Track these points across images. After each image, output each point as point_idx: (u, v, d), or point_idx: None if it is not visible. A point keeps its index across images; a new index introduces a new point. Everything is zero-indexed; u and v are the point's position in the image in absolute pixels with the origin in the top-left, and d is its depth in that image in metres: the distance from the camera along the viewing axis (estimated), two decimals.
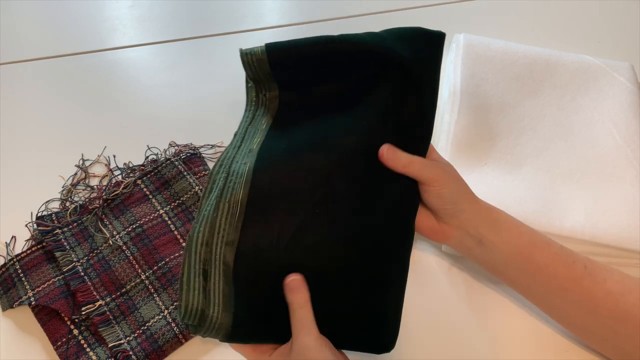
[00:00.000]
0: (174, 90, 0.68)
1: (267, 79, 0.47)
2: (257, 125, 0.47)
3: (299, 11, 0.78)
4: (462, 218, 0.47)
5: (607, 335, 0.46)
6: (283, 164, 0.43)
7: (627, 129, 0.62)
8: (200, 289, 0.40)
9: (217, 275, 0.41)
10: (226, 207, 0.41)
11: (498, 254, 0.47)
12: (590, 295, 0.45)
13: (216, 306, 0.40)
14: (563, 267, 0.46)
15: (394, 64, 0.46)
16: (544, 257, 0.46)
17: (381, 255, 0.44)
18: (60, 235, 0.54)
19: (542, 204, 0.56)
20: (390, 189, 0.45)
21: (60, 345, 0.49)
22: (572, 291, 0.45)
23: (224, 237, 0.41)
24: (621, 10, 0.81)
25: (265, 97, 0.48)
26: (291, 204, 0.42)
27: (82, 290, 0.51)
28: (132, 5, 0.76)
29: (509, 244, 0.47)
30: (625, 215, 0.56)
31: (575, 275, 0.45)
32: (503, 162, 0.60)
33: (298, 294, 0.40)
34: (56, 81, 0.68)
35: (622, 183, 0.59)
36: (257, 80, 0.48)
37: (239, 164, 0.43)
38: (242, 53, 0.46)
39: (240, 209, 0.41)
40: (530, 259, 0.46)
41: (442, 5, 0.80)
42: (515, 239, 0.47)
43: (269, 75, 0.47)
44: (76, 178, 0.59)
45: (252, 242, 0.41)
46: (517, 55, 0.67)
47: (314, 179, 0.43)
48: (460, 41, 0.69)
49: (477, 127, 0.62)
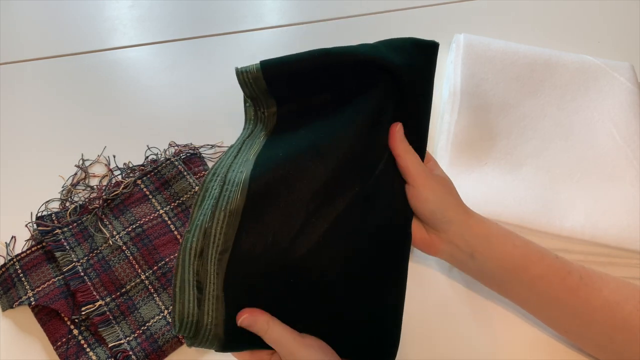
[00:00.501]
0: (174, 90, 0.68)
1: (264, 96, 0.47)
2: (254, 139, 0.47)
3: (299, 11, 0.78)
4: (451, 231, 0.46)
5: (604, 342, 0.45)
6: (280, 171, 0.42)
7: (627, 129, 0.62)
8: (195, 301, 0.40)
9: (211, 285, 0.40)
10: (222, 216, 0.41)
11: (491, 267, 0.46)
12: (587, 305, 0.44)
13: (210, 316, 0.40)
14: (558, 278, 0.45)
15: (388, 72, 0.46)
16: (538, 269, 0.45)
17: (380, 259, 0.44)
18: (60, 235, 0.54)
19: (542, 204, 0.56)
20: (387, 194, 0.45)
21: (60, 345, 0.49)
22: (568, 301, 0.45)
23: (218, 247, 0.40)
24: (621, 10, 0.81)
25: (264, 114, 0.48)
26: (288, 211, 0.41)
27: (82, 290, 0.51)
28: (132, 5, 0.76)
29: (502, 257, 0.46)
30: (625, 215, 0.56)
31: (571, 285, 0.45)
32: (503, 162, 0.60)
33: (255, 326, 0.40)
34: (56, 81, 0.68)
35: (622, 183, 0.59)
36: (254, 97, 0.47)
37: (235, 173, 0.43)
38: (238, 72, 0.46)
39: (236, 217, 0.41)
40: (525, 270, 0.46)
41: (442, 5, 0.80)
42: (508, 251, 0.46)
43: (265, 92, 0.46)
44: (76, 178, 0.59)
45: (246, 250, 0.41)
46: (517, 55, 0.67)
47: (311, 185, 0.42)
48: (460, 41, 0.69)
49: (477, 127, 0.62)
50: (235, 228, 0.40)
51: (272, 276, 0.41)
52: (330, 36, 0.75)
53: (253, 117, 0.49)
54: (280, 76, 0.46)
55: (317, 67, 0.45)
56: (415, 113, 0.48)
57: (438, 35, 0.75)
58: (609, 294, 0.44)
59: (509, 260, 0.46)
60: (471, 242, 0.46)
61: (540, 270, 0.45)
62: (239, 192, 0.41)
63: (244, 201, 0.41)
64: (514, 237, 0.47)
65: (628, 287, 0.45)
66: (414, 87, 0.47)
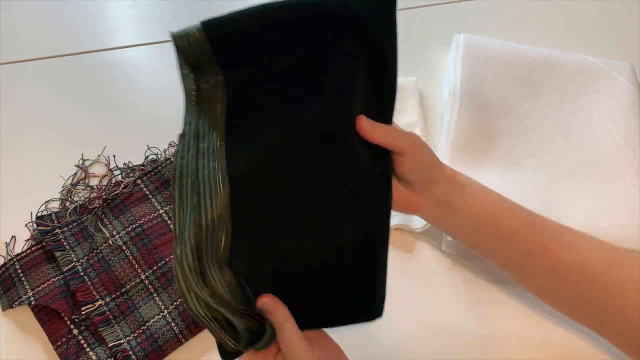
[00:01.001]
0: (174, 90, 0.67)
1: (208, 63, 0.40)
2: (208, 118, 0.41)
3: None
4: (433, 187, 0.46)
5: (577, 301, 0.45)
6: (258, 164, 0.39)
7: (627, 129, 0.62)
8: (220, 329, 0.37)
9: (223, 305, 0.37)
10: (210, 226, 0.37)
11: (466, 220, 0.47)
12: (559, 261, 0.44)
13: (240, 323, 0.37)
14: (531, 232, 0.45)
15: (349, 25, 0.41)
16: (511, 223, 0.46)
17: (364, 223, 0.42)
18: (60, 235, 0.54)
19: (542, 203, 0.56)
20: (366, 163, 0.43)
21: (60, 345, 0.49)
22: (541, 256, 0.45)
23: (215, 262, 0.37)
24: (621, 10, 0.81)
25: (208, 83, 0.41)
26: (274, 205, 0.39)
27: (81, 290, 0.51)
28: (132, 5, 0.76)
29: (476, 209, 0.46)
30: (625, 215, 0.56)
31: (543, 240, 0.45)
32: (503, 162, 0.60)
33: (275, 313, 0.38)
34: (56, 81, 0.68)
35: (622, 183, 0.59)
36: (196, 65, 0.40)
37: (206, 170, 0.38)
38: (176, 37, 0.39)
39: (226, 224, 0.37)
40: (498, 224, 0.46)
41: (442, 5, 0.80)
42: (482, 204, 0.46)
43: (211, 58, 0.40)
44: (76, 178, 0.59)
45: (245, 257, 0.38)
46: (517, 55, 0.67)
47: (290, 169, 0.40)
48: (460, 41, 0.69)
49: (477, 127, 0.62)
50: (227, 238, 0.37)
51: (276, 271, 0.39)
52: None
53: (194, 88, 0.41)
54: (227, 37, 0.39)
55: (268, 22, 0.40)
56: (385, 67, 0.43)
57: (438, 35, 0.76)
58: (581, 250, 0.44)
59: (482, 212, 0.46)
60: (449, 196, 0.46)
61: (513, 224, 0.46)
62: (219, 196, 0.37)
63: (228, 205, 0.37)
64: (489, 192, 0.47)
65: (598, 243, 0.45)
66: (380, 36, 0.43)
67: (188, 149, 0.39)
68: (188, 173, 0.38)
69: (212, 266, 0.37)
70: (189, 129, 0.40)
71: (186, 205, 0.38)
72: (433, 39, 0.74)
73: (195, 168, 0.38)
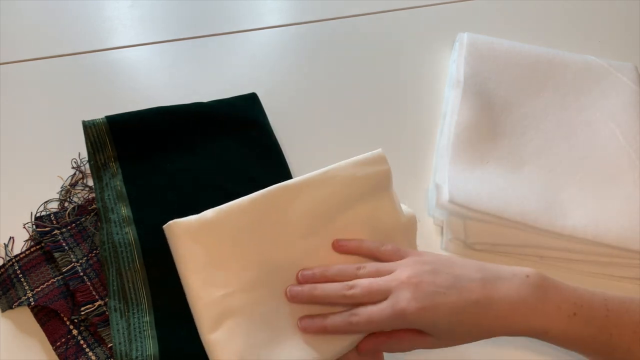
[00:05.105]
0: (174, 90, 0.68)
1: (106, 144, 0.56)
2: (111, 190, 0.54)
3: (299, 11, 0.78)
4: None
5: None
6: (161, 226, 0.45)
7: (629, 130, 0.62)
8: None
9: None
10: (131, 276, 0.49)
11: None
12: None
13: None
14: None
15: (226, 120, 0.59)
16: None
17: None
18: (59, 235, 0.53)
19: (544, 203, 0.56)
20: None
21: (59, 346, 0.48)
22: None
23: (142, 312, 0.48)
24: (622, 10, 0.81)
25: (104, 157, 0.56)
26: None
27: (81, 290, 0.50)
28: (132, 5, 0.76)
29: None
30: (627, 216, 0.55)
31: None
32: (505, 161, 0.60)
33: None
34: (56, 81, 0.68)
35: (624, 183, 0.58)
36: (98, 149, 0.56)
37: (120, 236, 0.51)
38: (85, 125, 0.57)
39: (142, 275, 0.49)
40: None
41: (442, 5, 0.80)
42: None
43: (110, 140, 0.56)
44: (75, 178, 0.59)
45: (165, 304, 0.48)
46: (520, 54, 0.67)
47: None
48: (464, 40, 0.69)
49: (479, 126, 0.62)
50: (147, 289, 0.49)
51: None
52: (330, 36, 0.75)
53: (99, 169, 0.56)
54: (125, 128, 0.57)
55: (161, 119, 0.58)
56: (264, 144, 0.59)
57: (439, 35, 0.76)
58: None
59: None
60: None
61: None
62: (135, 255, 0.50)
63: (143, 263, 0.49)
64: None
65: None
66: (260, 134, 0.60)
67: (105, 219, 0.53)
68: (106, 240, 0.51)
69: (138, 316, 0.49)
70: (100, 204, 0.54)
71: (111, 263, 0.50)
72: (435, 39, 0.74)
73: (111, 234, 0.52)
